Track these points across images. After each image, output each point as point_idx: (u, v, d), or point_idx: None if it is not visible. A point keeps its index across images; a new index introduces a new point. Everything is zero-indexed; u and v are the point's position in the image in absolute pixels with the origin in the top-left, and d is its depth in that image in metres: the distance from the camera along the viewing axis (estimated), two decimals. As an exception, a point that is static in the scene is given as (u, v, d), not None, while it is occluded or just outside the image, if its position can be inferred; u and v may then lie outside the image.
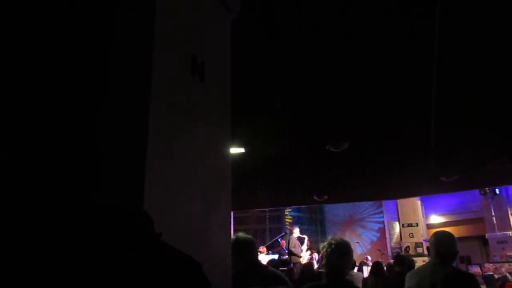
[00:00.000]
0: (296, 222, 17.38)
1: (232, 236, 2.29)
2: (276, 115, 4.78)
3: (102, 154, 1.22)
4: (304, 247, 10.21)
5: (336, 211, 18.17)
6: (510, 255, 12.27)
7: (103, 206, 0.92)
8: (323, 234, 18.44)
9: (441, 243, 2.49)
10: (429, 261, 2.59)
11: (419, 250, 12.24)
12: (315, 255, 10.33)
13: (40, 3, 1.27)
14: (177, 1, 1.50)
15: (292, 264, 9.09)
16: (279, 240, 11.63)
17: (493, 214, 13.43)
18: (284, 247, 10.72)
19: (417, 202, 13.41)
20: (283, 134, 5.50)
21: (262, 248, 10.56)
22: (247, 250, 2.37)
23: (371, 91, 4.28)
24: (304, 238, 10.42)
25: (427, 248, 2.62)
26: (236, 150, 5.79)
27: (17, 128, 1.13)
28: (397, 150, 6.40)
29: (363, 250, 13.54)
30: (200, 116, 1.51)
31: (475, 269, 10.20)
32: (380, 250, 13.77)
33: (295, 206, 16.44)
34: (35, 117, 1.17)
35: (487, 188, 12.86)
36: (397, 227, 13.80)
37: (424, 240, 12.52)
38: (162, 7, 1.38)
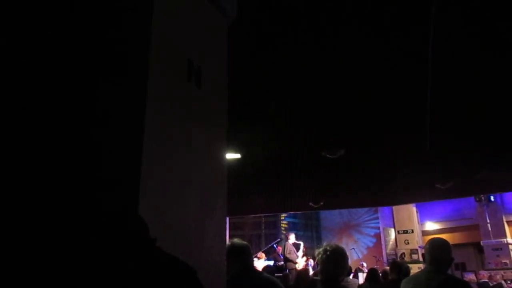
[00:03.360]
0: (291, 228, 17.28)
1: (227, 241, 2.29)
2: (272, 120, 4.79)
3: (97, 159, 1.21)
4: (300, 253, 10.17)
5: (332, 217, 18.13)
6: (505, 262, 12.30)
7: (98, 211, 0.92)
8: (319, 240, 18.37)
9: (436, 250, 2.49)
10: (424, 268, 2.59)
11: (414, 256, 12.24)
12: (311, 261, 10.28)
13: (40, 3, 1.27)
14: (174, 7, 1.51)
15: (287, 270, 9.04)
16: (275, 246, 11.57)
17: (488, 221, 13.45)
18: (279, 253, 10.67)
19: (412, 208, 13.43)
20: (279, 140, 5.50)
21: (260, 254, 10.50)
22: (242, 256, 2.36)
23: (368, 97, 4.30)
24: (299, 244, 10.38)
25: (422, 255, 2.61)
26: (232, 156, 5.79)
27: (15, 131, 1.13)
28: (393, 157, 6.41)
29: (359, 256, 13.52)
30: (196, 121, 1.51)
31: (470, 276, 10.21)
32: (375, 257, 13.75)
33: (291, 212, 16.39)
34: (33, 121, 1.17)
35: (482, 195, 12.90)
36: (392, 233, 13.81)
37: (419, 246, 12.53)
38: (159, 11, 1.38)
